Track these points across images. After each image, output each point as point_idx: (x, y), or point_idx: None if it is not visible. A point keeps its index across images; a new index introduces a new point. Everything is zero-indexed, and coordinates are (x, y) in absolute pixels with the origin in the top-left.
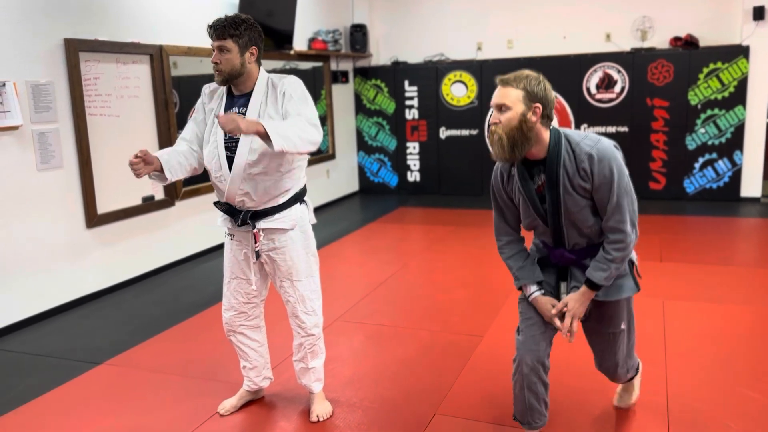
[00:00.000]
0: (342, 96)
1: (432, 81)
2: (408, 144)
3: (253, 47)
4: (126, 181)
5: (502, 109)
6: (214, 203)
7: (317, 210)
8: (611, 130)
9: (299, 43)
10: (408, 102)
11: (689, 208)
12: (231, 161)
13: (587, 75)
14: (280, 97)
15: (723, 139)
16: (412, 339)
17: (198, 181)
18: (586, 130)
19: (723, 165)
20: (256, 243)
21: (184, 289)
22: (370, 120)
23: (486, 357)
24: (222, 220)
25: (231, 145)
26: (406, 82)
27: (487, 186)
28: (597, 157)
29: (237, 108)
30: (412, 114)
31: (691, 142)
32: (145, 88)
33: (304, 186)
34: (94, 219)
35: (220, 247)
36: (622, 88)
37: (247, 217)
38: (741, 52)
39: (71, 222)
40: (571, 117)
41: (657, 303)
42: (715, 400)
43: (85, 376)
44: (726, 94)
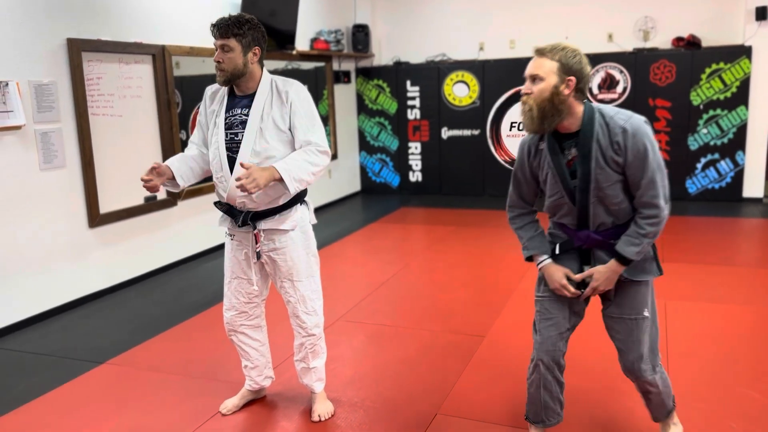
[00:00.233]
0: (344, 96)
1: (434, 81)
2: (410, 144)
3: (256, 47)
4: (128, 181)
5: (535, 79)
6: (215, 203)
7: (319, 210)
8: None
9: (301, 43)
10: (410, 102)
11: (691, 208)
12: (232, 162)
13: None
14: (287, 105)
15: (725, 140)
16: (413, 339)
17: (200, 181)
18: None
19: (725, 165)
20: (257, 243)
21: (185, 288)
22: (372, 120)
23: (488, 357)
24: (222, 220)
25: (233, 146)
26: (408, 82)
27: (489, 186)
28: (631, 131)
29: (239, 109)
30: (414, 114)
31: (693, 143)
32: (148, 88)
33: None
34: (96, 219)
35: (222, 246)
36: (624, 89)
37: (247, 218)
38: (743, 52)
39: (73, 222)
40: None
41: (659, 303)
42: (717, 400)
43: (86, 375)
44: (728, 94)
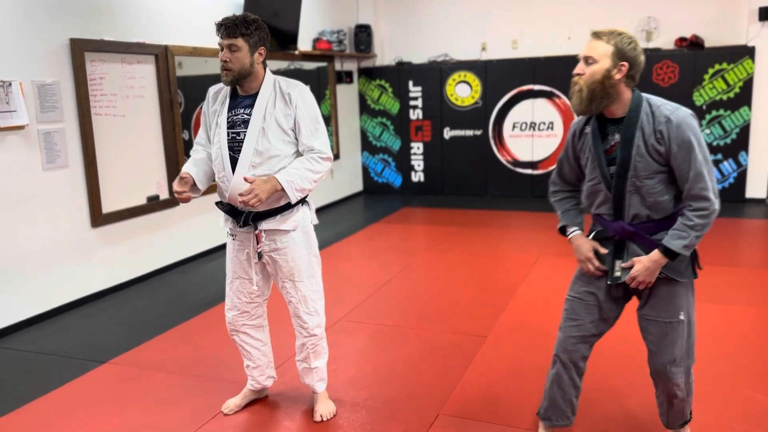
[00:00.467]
0: (346, 96)
1: (436, 81)
2: (412, 144)
3: (262, 47)
4: (131, 181)
5: (588, 61)
6: (216, 204)
7: (321, 210)
8: None
9: (304, 44)
10: (412, 102)
11: None
12: (234, 162)
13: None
14: (291, 106)
15: (728, 140)
16: (415, 339)
17: None
18: None
19: (728, 166)
20: (258, 244)
21: (187, 288)
22: (375, 120)
23: (490, 357)
24: (224, 220)
25: (234, 146)
26: (411, 83)
27: (491, 187)
28: (675, 122)
29: (241, 108)
30: (416, 114)
31: None
32: (151, 88)
33: None
34: (99, 218)
35: (224, 246)
36: None
37: (249, 218)
38: (747, 52)
39: (76, 221)
40: (576, 117)
41: None
42: (719, 401)
43: (89, 375)
44: (731, 94)
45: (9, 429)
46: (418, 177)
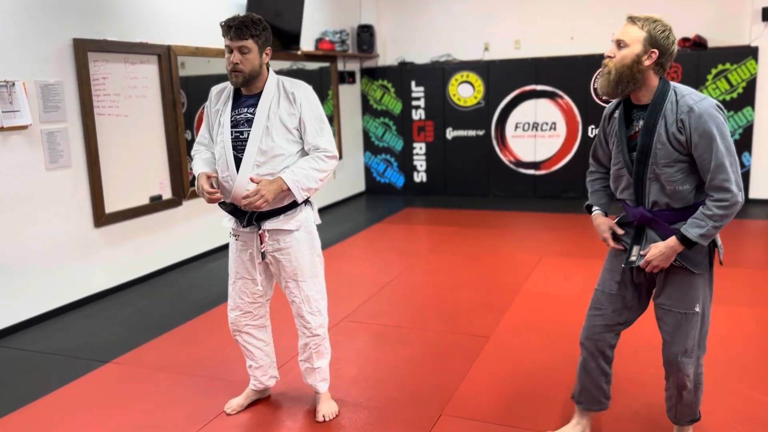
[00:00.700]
0: (349, 96)
1: (439, 81)
2: (414, 144)
3: (268, 48)
4: (133, 181)
5: (620, 44)
6: (219, 204)
7: (323, 210)
8: None
9: (306, 44)
10: (415, 102)
11: None
12: (239, 162)
13: (595, 76)
14: (295, 106)
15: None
16: (418, 339)
17: None
18: (593, 132)
19: None
20: (262, 244)
21: (190, 288)
22: (377, 120)
23: (492, 358)
24: (227, 220)
25: (238, 145)
26: (413, 83)
27: (493, 187)
28: (697, 112)
29: (245, 108)
30: (418, 114)
31: None
32: (153, 88)
33: None
34: (101, 218)
35: (227, 246)
36: None
37: (252, 218)
38: (750, 53)
39: (79, 221)
40: (579, 117)
41: None
42: (722, 402)
43: (91, 374)
44: (734, 95)
45: (11, 428)
46: (420, 177)
